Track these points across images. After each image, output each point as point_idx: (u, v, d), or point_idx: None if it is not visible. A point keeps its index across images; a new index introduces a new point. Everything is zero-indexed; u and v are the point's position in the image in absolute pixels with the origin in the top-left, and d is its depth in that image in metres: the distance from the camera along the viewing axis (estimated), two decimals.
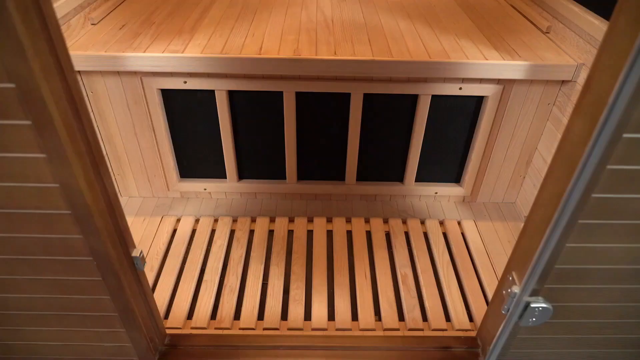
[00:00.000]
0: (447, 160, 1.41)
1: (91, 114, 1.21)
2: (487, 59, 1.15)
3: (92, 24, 1.28)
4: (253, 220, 1.41)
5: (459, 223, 1.41)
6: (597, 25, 1.09)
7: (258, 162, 1.42)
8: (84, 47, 1.16)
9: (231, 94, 1.26)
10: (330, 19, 1.38)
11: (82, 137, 0.60)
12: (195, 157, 1.40)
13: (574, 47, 1.19)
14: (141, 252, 0.81)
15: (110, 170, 1.38)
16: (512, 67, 1.15)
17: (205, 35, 1.24)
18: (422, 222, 1.42)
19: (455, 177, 1.46)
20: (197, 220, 1.40)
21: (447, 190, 1.45)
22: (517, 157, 1.37)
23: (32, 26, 0.49)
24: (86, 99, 1.21)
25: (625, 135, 0.56)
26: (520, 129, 1.31)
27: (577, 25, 1.18)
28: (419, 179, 1.44)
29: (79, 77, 1.20)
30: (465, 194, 1.45)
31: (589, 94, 0.57)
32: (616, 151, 0.57)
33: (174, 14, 1.37)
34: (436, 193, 1.46)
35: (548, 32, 1.31)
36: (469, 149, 1.37)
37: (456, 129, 1.33)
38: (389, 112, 1.29)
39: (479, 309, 1.15)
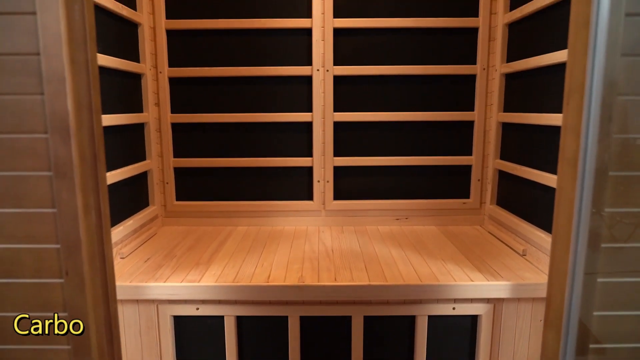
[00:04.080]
0: None
1: None
2: (472, 281, 1.27)
3: (121, 258, 1.46)
4: None
5: None
6: None
7: None
8: None
9: (239, 320, 1.34)
10: (331, 249, 1.56)
11: None
12: None
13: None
14: None
15: None
16: (496, 287, 1.26)
17: (220, 266, 1.39)
18: None
19: None
20: None
21: None
22: None
23: (94, 265, 0.63)
24: None
25: (591, 345, 0.63)
26: (520, 346, 1.33)
27: (547, 249, 1.34)
28: None
29: None
30: None
31: (550, 310, 0.67)
32: None
33: (193, 247, 1.57)
34: None
35: (524, 255, 1.47)
36: None
37: (457, 348, 1.36)
38: (390, 333, 1.35)
39: None
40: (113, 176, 1.46)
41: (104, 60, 1.40)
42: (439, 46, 1.77)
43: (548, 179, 1.38)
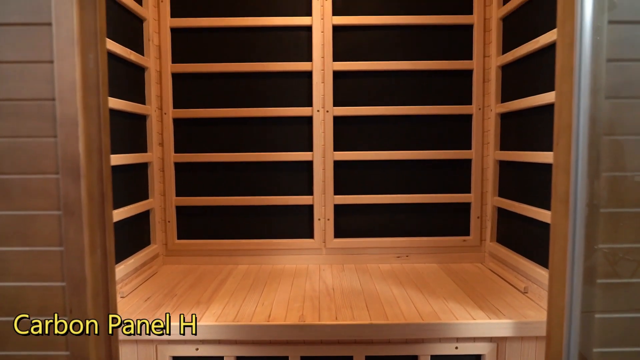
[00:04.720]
0: None
1: None
2: (474, 319, 1.26)
3: (122, 297, 1.45)
4: None
5: None
6: None
7: None
8: None
9: None
10: (332, 287, 1.56)
11: None
12: None
13: None
14: None
15: None
16: (499, 326, 1.25)
17: (220, 305, 1.39)
18: None
19: None
20: None
21: None
22: None
23: (98, 303, 0.64)
24: None
25: None
26: None
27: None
28: None
29: None
30: None
31: (551, 347, 0.67)
32: None
33: (194, 286, 1.56)
34: None
35: (526, 292, 1.47)
36: None
37: None
38: None
39: None
40: (116, 215, 1.47)
41: (112, 102, 1.45)
42: (436, 87, 1.83)
43: (545, 215, 1.39)
